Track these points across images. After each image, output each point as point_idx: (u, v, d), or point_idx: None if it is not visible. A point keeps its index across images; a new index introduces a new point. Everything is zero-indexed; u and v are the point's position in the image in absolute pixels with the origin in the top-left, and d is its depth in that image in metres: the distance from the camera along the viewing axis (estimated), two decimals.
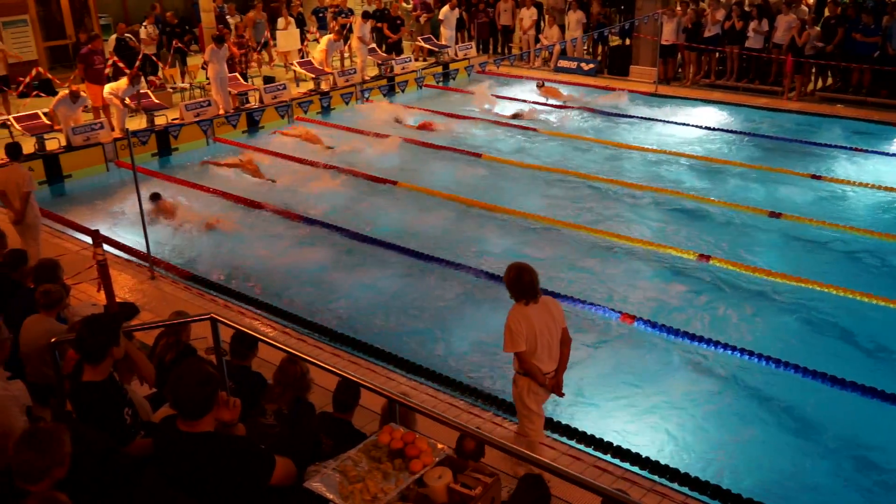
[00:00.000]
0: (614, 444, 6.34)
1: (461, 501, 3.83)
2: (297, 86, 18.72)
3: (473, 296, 9.10)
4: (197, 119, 14.82)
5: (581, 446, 6.36)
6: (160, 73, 18.58)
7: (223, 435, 3.80)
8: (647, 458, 6.17)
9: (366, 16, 19.21)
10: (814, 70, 17.16)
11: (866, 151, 13.72)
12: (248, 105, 16.55)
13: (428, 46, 21.17)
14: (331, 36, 18.97)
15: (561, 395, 5.70)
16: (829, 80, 17.47)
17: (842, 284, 8.84)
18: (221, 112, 15.78)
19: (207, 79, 16.60)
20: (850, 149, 13.85)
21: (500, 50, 22.06)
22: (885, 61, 15.90)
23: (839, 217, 10.92)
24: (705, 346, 7.82)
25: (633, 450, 6.27)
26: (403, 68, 19.39)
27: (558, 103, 17.57)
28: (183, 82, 18.61)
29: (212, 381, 3.66)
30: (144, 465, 3.91)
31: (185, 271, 9.77)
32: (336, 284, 9.54)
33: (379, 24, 20.64)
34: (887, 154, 13.63)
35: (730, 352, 7.69)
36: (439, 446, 4.00)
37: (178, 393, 3.61)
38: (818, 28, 16.72)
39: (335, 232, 10.93)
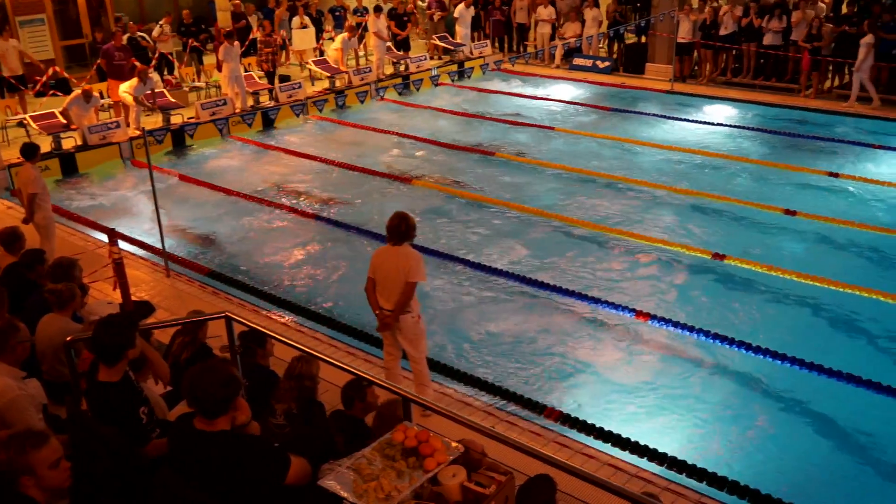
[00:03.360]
0: (631, 441, 6.33)
1: (475, 500, 3.83)
2: (313, 84, 18.76)
3: (487, 294, 9.10)
4: (213, 118, 14.90)
5: (598, 443, 6.36)
6: (176, 72, 18.67)
7: (239, 434, 3.81)
8: (664, 455, 6.16)
9: (378, 10, 19.14)
10: (831, 67, 17.01)
11: (884, 148, 13.59)
12: (261, 104, 16.61)
13: (443, 45, 21.16)
14: (345, 34, 18.99)
15: (378, 330, 6.43)
16: (847, 78, 17.27)
17: (858, 283, 8.76)
18: (237, 110, 15.86)
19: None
20: (868, 146, 13.72)
21: (515, 48, 22.02)
22: None
23: (856, 215, 10.82)
24: (720, 343, 7.79)
25: (649, 447, 6.25)
26: (419, 66, 19.41)
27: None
28: (199, 81, 18.69)
29: (234, 381, 3.67)
30: (160, 464, 3.94)
31: (200, 268, 9.82)
32: (351, 282, 9.53)
33: (388, 22, 20.65)
34: None
35: (744, 350, 7.65)
36: (453, 444, 4.00)
37: (199, 391, 3.61)
38: (831, 25, 16.55)
39: (349, 230, 10.94)
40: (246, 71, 17.16)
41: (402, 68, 19.31)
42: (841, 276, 8.99)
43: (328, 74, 18.21)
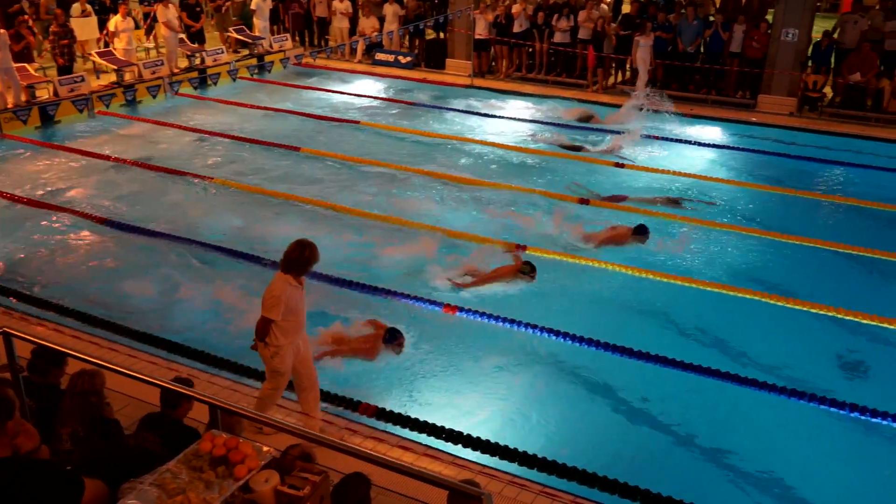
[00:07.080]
0: (446, 429, 6.46)
1: (290, 503, 3.73)
2: (98, 78, 17.49)
3: None
4: None
5: (414, 434, 6.44)
6: None
7: (22, 459, 3.46)
8: (478, 440, 6.36)
9: None
10: (613, 64, 18.24)
11: (660, 139, 14.73)
12: (38, 98, 15.27)
13: (240, 37, 20.46)
14: (118, 17, 17.59)
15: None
16: (627, 75, 18.61)
17: (651, 268, 9.49)
18: (10, 105, 14.49)
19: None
20: (648, 137, 14.82)
21: (316, 42, 21.75)
22: (675, 57, 17.21)
23: (644, 203, 11.65)
24: (525, 329, 8.12)
25: (462, 434, 6.41)
26: (215, 60, 18.65)
27: (377, 95, 17.63)
28: None
29: (2, 403, 3.32)
30: None
31: None
32: (147, 287, 8.98)
33: (178, 12, 19.65)
34: (677, 141, 14.69)
35: (547, 334, 8.03)
36: (265, 449, 3.88)
37: None
38: (614, 25, 17.78)
39: (142, 234, 10.31)
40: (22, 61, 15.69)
41: (197, 62, 18.46)
42: (634, 261, 9.66)
43: (115, 67, 17.04)
